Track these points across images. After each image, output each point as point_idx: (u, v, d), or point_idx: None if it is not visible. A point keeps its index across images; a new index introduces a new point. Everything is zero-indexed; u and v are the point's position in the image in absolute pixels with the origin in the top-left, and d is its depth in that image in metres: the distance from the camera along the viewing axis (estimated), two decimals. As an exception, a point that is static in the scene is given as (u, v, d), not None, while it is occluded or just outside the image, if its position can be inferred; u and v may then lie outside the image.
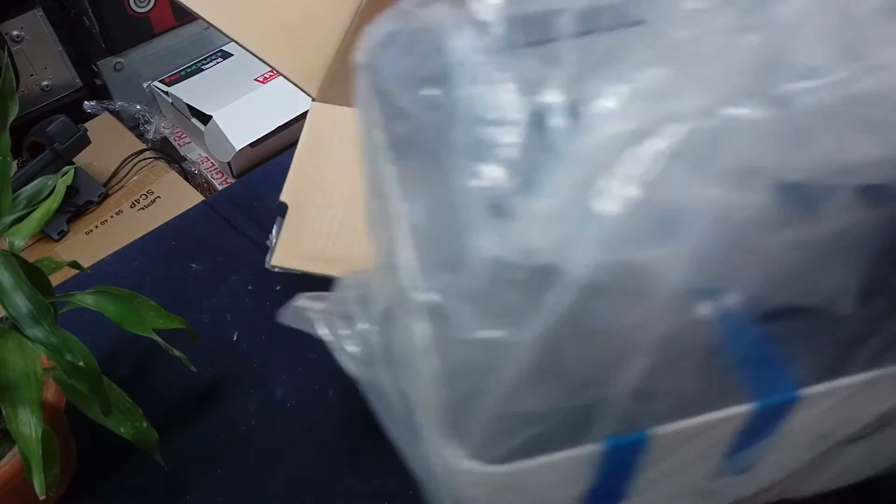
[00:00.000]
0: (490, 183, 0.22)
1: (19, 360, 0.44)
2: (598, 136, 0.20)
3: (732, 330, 0.23)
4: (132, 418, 0.51)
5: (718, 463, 0.26)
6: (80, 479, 0.57)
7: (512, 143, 0.22)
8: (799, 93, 0.19)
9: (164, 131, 1.19)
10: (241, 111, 1.08)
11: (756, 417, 0.24)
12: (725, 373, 0.24)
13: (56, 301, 0.48)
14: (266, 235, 0.74)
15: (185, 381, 0.61)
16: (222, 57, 1.23)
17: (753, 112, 0.19)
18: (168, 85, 1.17)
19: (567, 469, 0.25)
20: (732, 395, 0.24)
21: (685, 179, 0.20)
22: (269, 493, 0.57)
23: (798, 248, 0.20)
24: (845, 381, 0.24)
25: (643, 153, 0.20)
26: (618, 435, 0.23)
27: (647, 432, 0.24)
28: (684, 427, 0.24)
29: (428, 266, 0.22)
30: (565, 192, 0.20)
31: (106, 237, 1.00)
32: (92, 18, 1.10)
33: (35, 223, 0.52)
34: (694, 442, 0.25)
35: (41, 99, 1.15)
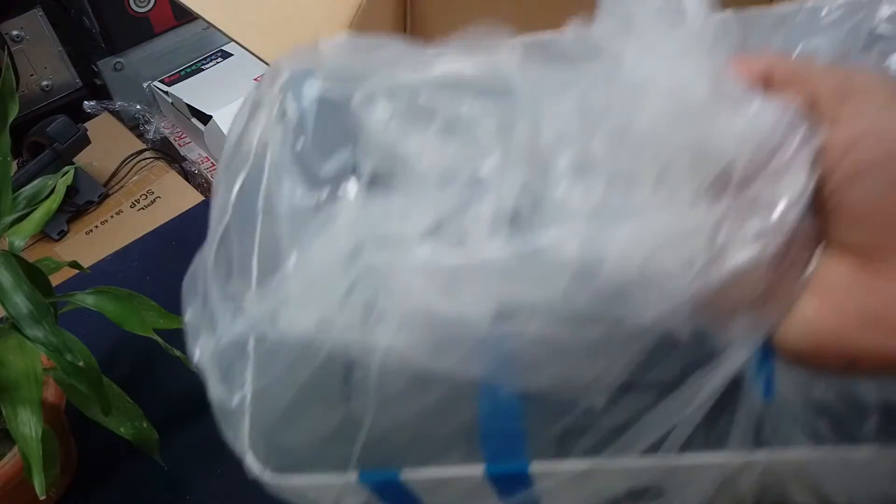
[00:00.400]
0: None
1: (19, 360, 0.44)
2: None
3: (489, 398, 0.26)
4: (132, 418, 0.51)
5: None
6: (80, 479, 0.57)
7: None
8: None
9: (164, 131, 1.19)
10: (241, 111, 1.08)
11: (494, 479, 0.26)
12: (472, 434, 0.26)
13: (56, 301, 0.48)
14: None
15: (185, 381, 0.61)
16: (222, 57, 1.23)
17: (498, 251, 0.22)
18: (168, 85, 1.17)
19: (335, 492, 0.28)
20: (473, 454, 0.26)
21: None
22: (269, 494, 0.57)
23: (547, 345, 0.23)
24: (576, 463, 0.26)
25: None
26: (371, 470, 0.26)
27: (399, 472, 0.26)
28: (433, 473, 0.26)
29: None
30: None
31: (106, 237, 1.00)
32: (92, 18, 1.10)
33: (35, 223, 0.52)
34: (450, 487, 0.27)
35: (41, 99, 1.15)
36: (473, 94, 0.24)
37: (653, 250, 0.21)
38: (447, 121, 0.24)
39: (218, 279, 0.27)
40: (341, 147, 0.25)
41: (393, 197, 0.24)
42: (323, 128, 0.26)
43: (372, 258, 0.23)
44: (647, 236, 0.21)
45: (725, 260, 0.21)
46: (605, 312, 0.22)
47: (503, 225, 0.22)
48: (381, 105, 0.24)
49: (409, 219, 0.23)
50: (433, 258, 0.22)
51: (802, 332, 0.23)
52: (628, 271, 0.21)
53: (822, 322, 0.23)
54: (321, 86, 0.26)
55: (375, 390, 0.24)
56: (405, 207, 0.23)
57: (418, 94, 0.25)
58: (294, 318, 0.24)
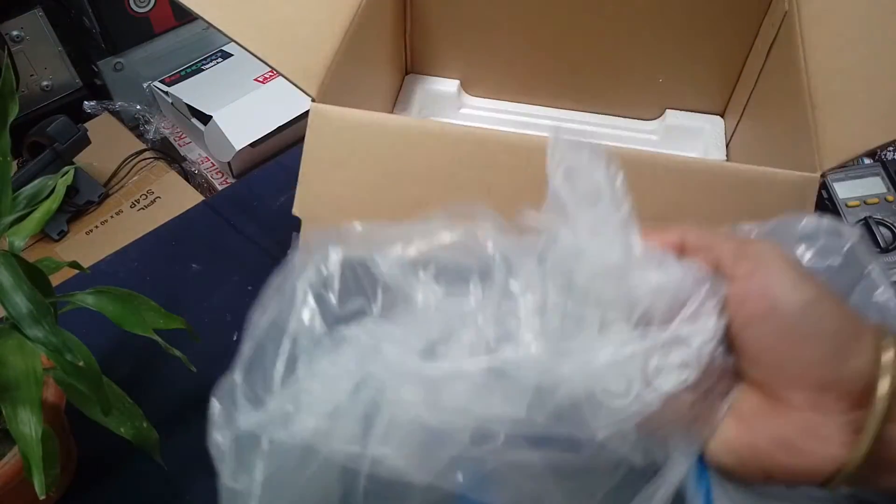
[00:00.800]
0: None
1: (19, 359, 0.44)
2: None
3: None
4: (132, 418, 0.51)
5: None
6: (80, 479, 0.57)
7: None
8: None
9: (164, 131, 1.19)
10: (241, 111, 1.08)
11: None
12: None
13: (56, 301, 0.48)
14: (267, 236, 0.74)
15: (185, 381, 0.61)
16: (222, 57, 1.23)
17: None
18: (168, 85, 1.17)
19: None
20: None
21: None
22: (270, 494, 0.57)
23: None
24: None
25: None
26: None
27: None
28: None
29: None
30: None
31: (106, 237, 1.00)
32: (92, 18, 1.10)
33: (35, 223, 0.52)
34: None
35: (41, 99, 1.15)
36: (460, 253, 0.31)
37: (598, 375, 0.27)
38: (439, 269, 0.30)
39: (247, 380, 0.33)
40: (357, 295, 0.32)
41: (393, 326, 0.30)
42: (344, 281, 0.32)
43: (371, 373, 0.29)
44: (593, 363, 0.27)
45: (657, 384, 0.27)
46: (562, 430, 0.27)
47: (481, 349, 0.28)
48: (390, 257, 0.31)
49: (405, 343, 0.29)
50: (421, 371, 0.28)
51: (726, 450, 0.28)
52: (579, 391, 0.27)
53: (740, 442, 0.28)
54: (343, 252, 0.33)
55: (364, 497, 0.29)
56: (403, 334, 0.29)
57: (416, 254, 0.31)
58: (301, 422, 0.29)
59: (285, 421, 0.30)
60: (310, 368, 0.30)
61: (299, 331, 0.32)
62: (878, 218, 0.70)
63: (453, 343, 0.28)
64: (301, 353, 0.31)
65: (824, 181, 0.75)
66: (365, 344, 0.30)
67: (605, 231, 0.28)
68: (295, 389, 0.30)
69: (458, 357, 0.28)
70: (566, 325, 0.28)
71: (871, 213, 0.71)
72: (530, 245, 0.30)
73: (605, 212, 0.28)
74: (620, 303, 0.28)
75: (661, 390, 0.27)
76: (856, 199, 0.72)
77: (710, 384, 0.27)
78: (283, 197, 0.78)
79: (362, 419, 0.29)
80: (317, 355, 0.31)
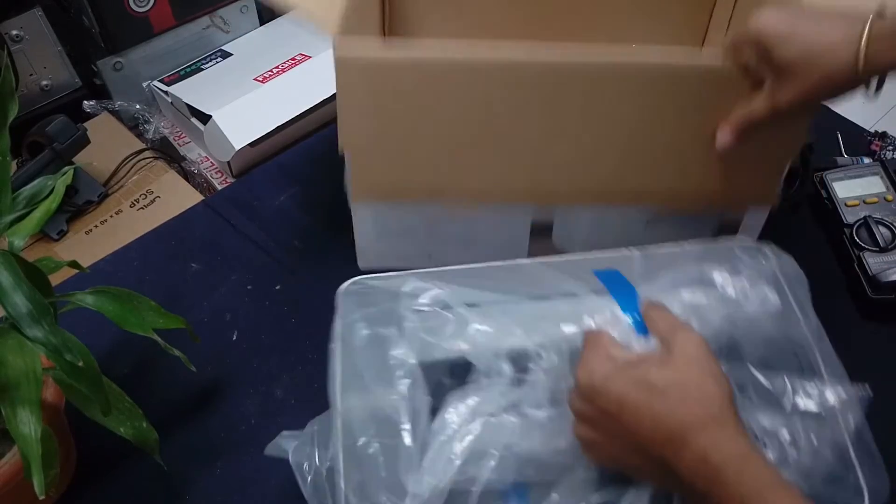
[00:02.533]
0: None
1: (19, 359, 0.44)
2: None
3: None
4: (132, 418, 0.51)
5: None
6: (80, 479, 0.57)
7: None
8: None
9: (163, 131, 1.19)
10: (241, 111, 1.08)
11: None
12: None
13: (56, 301, 0.48)
14: (266, 235, 0.74)
15: (185, 381, 0.61)
16: (222, 57, 1.23)
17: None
18: (167, 84, 1.17)
19: None
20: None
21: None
22: (270, 493, 0.57)
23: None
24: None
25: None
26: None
27: None
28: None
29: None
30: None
31: (106, 237, 1.00)
32: (91, 18, 1.10)
33: (35, 223, 0.52)
34: None
35: (41, 99, 1.14)
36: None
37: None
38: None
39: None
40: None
41: (476, 397, 0.44)
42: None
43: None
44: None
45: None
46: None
47: (545, 403, 0.45)
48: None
49: (490, 404, 0.44)
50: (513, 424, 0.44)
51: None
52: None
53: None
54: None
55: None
56: (487, 400, 0.44)
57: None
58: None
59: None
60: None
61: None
62: (878, 217, 0.70)
63: (525, 402, 0.45)
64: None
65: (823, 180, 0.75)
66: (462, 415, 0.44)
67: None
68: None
69: (531, 410, 0.45)
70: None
71: (870, 212, 0.71)
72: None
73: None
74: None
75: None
76: (855, 199, 0.72)
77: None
78: (282, 196, 0.78)
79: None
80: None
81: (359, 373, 0.45)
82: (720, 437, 0.37)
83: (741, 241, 0.52)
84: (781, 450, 0.42)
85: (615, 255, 0.51)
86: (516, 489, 0.44)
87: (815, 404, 0.44)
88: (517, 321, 0.46)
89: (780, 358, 0.47)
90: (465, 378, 0.45)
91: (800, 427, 0.43)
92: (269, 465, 0.58)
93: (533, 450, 0.43)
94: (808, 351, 0.47)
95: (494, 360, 0.45)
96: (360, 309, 0.48)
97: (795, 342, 0.47)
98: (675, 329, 0.42)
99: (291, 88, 1.12)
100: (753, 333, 0.46)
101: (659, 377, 0.39)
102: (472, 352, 0.45)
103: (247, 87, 1.11)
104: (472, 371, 0.45)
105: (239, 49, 1.25)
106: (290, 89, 1.12)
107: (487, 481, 0.42)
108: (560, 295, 0.48)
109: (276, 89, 1.11)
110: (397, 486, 0.41)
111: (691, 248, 0.51)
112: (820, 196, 0.75)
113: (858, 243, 0.69)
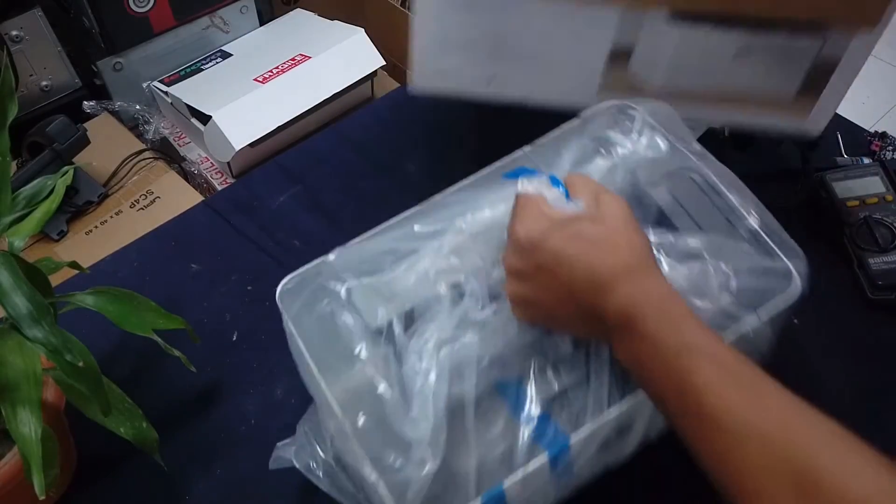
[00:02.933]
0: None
1: (19, 360, 0.44)
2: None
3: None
4: (132, 418, 0.51)
5: (550, 479, 0.45)
6: (80, 479, 0.57)
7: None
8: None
9: (163, 131, 1.19)
10: (241, 111, 1.08)
11: (552, 458, 0.44)
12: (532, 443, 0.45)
13: (56, 301, 0.48)
14: (266, 235, 0.74)
15: (185, 381, 0.61)
16: (222, 57, 1.23)
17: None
18: (167, 85, 1.17)
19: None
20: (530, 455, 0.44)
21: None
22: (269, 493, 0.57)
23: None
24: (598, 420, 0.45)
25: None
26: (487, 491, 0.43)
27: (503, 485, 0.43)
28: (523, 475, 0.44)
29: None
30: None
31: (106, 237, 1.00)
32: (91, 18, 1.10)
33: (35, 223, 0.52)
34: (530, 483, 0.44)
35: (41, 99, 1.15)
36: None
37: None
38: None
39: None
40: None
41: (429, 331, 0.47)
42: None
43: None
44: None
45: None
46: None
47: (487, 302, 0.48)
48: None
49: (444, 330, 0.47)
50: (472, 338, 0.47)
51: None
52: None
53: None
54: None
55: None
56: (440, 328, 0.47)
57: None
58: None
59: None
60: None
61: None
62: (878, 217, 0.70)
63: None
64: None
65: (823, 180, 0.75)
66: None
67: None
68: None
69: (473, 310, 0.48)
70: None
71: (870, 212, 0.71)
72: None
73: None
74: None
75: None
76: (855, 199, 0.72)
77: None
78: (282, 197, 0.78)
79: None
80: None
81: (324, 357, 0.48)
82: (644, 281, 0.42)
83: (610, 105, 0.57)
84: (707, 267, 0.48)
85: (510, 159, 0.56)
86: (500, 387, 0.48)
87: (721, 212, 0.51)
88: (437, 242, 0.50)
89: (683, 190, 0.54)
90: (413, 317, 0.48)
91: (719, 244, 0.49)
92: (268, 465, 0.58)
93: (497, 349, 0.47)
94: (700, 172, 0.53)
95: (430, 289, 0.48)
96: (297, 301, 0.50)
97: (690, 168, 0.53)
98: (599, 192, 0.46)
99: (291, 88, 1.12)
100: (653, 174, 0.53)
101: (591, 232, 0.43)
102: (409, 291, 0.49)
103: (247, 87, 1.11)
104: (415, 310, 0.49)
105: (239, 49, 1.25)
106: (290, 89, 1.12)
107: (475, 394, 0.45)
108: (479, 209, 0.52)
109: (276, 89, 1.12)
110: (399, 440, 0.43)
111: (570, 125, 0.57)
112: (820, 196, 0.75)
113: (858, 244, 0.69)
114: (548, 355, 0.48)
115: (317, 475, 0.50)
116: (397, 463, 0.43)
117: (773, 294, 0.48)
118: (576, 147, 0.53)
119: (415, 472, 0.42)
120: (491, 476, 0.44)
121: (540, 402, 0.46)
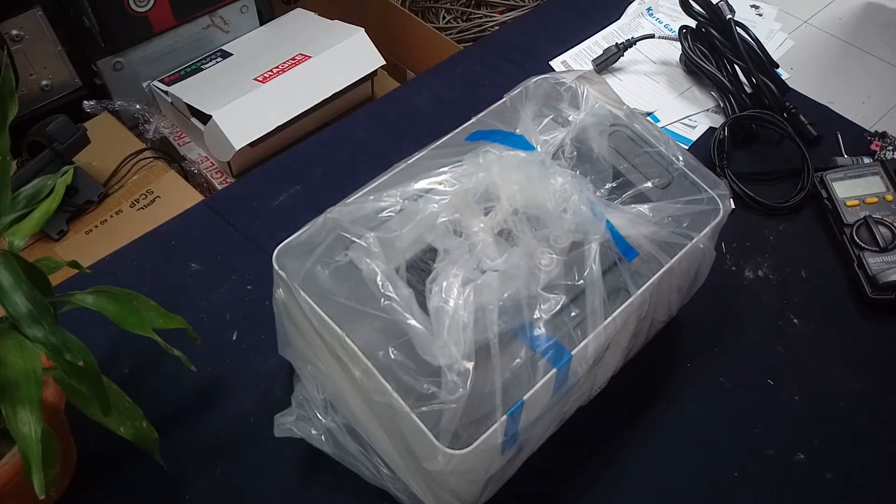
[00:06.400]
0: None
1: (19, 359, 0.44)
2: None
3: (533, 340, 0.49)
4: (132, 418, 0.51)
5: (553, 398, 0.50)
6: (80, 479, 0.57)
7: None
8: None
9: (163, 131, 1.19)
10: (241, 111, 1.08)
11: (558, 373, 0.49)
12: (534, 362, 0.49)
13: (56, 301, 0.48)
14: (266, 235, 0.74)
15: (185, 381, 0.61)
16: (222, 57, 1.23)
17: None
18: (167, 84, 1.17)
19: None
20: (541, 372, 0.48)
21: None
22: (269, 493, 0.57)
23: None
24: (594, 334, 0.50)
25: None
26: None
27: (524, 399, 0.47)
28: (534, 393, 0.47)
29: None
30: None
31: (106, 237, 1.00)
32: (91, 18, 1.10)
33: (35, 223, 0.52)
34: (540, 398, 0.48)
35: (41, 98, 1.14)
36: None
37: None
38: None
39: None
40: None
41: (453, 271, 0.49)
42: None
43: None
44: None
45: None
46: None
47: (497, 256, 0.51)
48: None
49: (464, 270, 0.49)
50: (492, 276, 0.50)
51: None
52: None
53: None
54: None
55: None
56: (461, 269, 0.50)
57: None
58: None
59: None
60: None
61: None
62: (878, 217, 0.70)
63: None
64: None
65: (823, 180, 0.75)
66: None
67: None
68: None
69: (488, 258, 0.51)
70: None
71: (870, 212, 0.71)
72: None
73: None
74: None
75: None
76: (855, 199, 0.72)
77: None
78: (282, 196, 0.78)
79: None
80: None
81: (341, 304, 0.49)
82: None
83: (544, 78, 0.64)
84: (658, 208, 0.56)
85: (462, 128, 0.61)
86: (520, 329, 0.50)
87: (653, 159, 0.59)
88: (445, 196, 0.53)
89: (622, 144, 0.60)
90: (432, 262, 0.50)
91: (661, 186, 0.58)
92: (268, 464, 0.58)
93: (518, 292, 0.49)
94: (632, 128, 0.61)
95: (443, 238, 0.51)
96: (306, 260, 0.52)
97: (625, 126, 0.61)
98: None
99: (291, 88, 1.12)
100: (597, 133, 0.59)
101: None
102: (421, 240, 0.52)
103: (247, 87, 1.11)
104: (431, 255, 0.51)
105: (239, 49, 1.25)
106: (290, 89, 1.12)
107: (499, 329, 0.48)
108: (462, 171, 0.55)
109: (276, 89, 1.11)
110: (429, 368, 0.45)
111: (512, 94, 0.63)
112: (820, 196, 0.75)
113: (858, 243, 0.69)
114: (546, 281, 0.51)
115: (319, 440, 0.53)
116: (430, 391, 0.44)
117: (707, 217, 0.56)
118: (529, 109, 0.60)
119: (448, 397, 0.44)
120: (510, 395, 0.46)
121: (543, 325, 0.49)
